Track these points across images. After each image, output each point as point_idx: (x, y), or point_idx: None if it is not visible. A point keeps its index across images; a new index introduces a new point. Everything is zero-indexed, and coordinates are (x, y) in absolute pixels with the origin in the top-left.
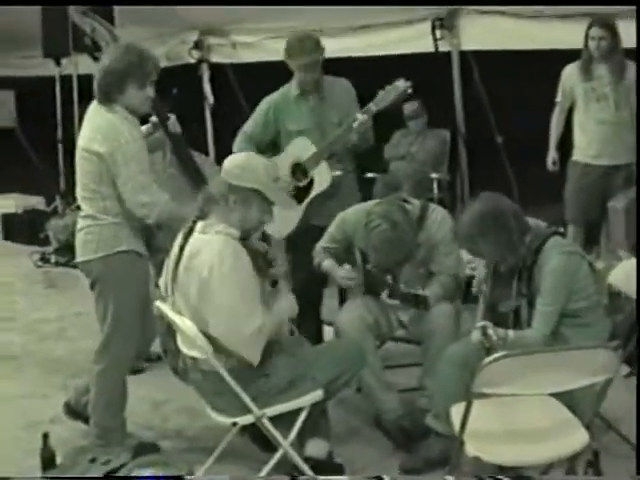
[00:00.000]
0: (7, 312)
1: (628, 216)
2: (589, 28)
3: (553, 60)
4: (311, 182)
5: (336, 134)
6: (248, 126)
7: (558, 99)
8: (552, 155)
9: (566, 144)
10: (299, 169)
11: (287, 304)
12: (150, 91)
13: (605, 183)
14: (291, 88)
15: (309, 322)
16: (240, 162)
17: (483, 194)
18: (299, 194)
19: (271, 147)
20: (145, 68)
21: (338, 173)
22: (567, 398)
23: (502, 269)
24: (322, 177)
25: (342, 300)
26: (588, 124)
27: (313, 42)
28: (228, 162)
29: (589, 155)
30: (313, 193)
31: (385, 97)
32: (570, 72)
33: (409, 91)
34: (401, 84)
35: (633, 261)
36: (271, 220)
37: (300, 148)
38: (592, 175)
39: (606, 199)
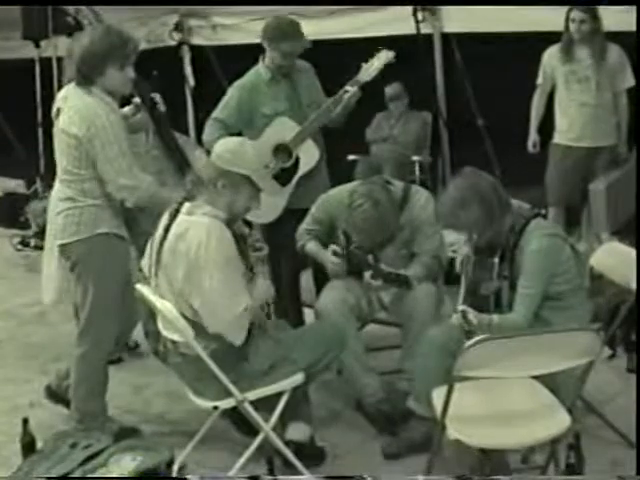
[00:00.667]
0: None
1: (609, 198)
2: (570, 10)
3: (534, 43)
4: (296, 162)
5: (323, 108)
6: (219, 113)
7: (539, 81)
8: (533, 137)
9: (547, 127)
10: (282, 150)
11: (264, 288)
12: (130, 72)
13: (586, 165)
14: (261, 72)
15: (289, 305)
16: (232, 147)
17: (464, 169)
18: (283, 175)
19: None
20: (125, 49)
21: None
22: (549, 381)
23: (482, 244)
24: (308, 155)
25: (317, 281)
26: (569, 106)
27: (295, 28)
28: (220, 146)
29: (570, 137)
30: (300, 172)
31: (370, 68)
32: (551, 54)
33: (393, 61)
34: (384, 54)
35: (615, 244)
36: (258, 207)
37: (282, 128)
38: (573, 157)
39: (587, 181)
